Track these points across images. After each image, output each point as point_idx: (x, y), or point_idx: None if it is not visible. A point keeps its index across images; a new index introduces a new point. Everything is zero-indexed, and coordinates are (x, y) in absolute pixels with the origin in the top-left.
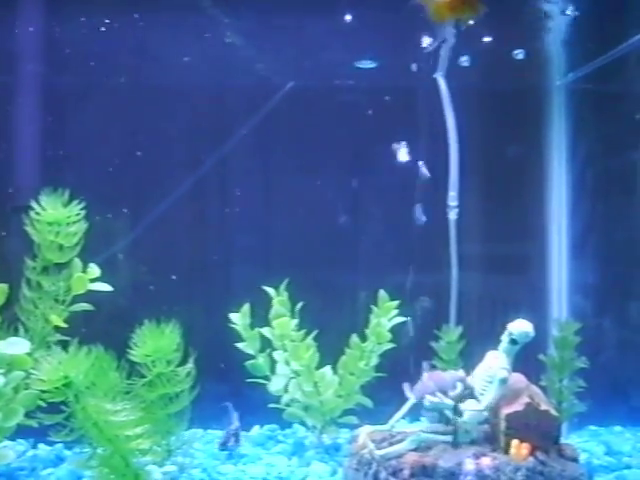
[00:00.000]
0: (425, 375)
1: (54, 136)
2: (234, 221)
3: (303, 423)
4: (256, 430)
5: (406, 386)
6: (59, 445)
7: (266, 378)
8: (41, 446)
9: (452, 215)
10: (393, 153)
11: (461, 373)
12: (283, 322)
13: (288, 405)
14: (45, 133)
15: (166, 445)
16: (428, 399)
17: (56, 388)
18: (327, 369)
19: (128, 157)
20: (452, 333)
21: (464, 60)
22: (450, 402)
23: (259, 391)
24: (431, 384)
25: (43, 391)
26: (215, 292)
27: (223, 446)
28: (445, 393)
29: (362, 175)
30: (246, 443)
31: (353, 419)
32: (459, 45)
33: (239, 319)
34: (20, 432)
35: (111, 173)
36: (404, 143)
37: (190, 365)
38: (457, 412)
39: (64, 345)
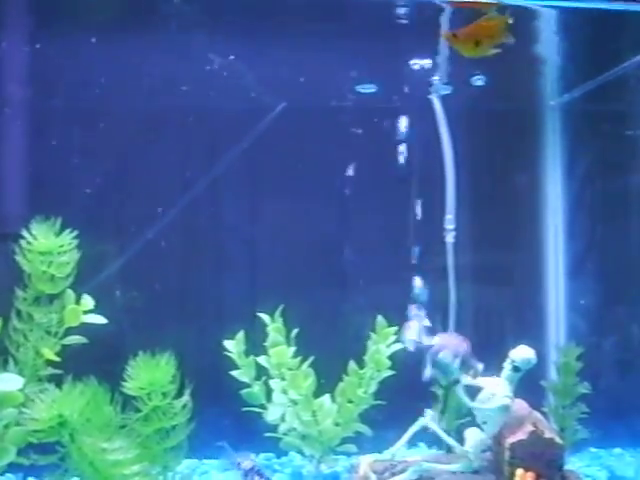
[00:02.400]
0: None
1: (40, 160)
2: (227, 246)
3: (300, 452)
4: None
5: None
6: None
7: (261, 406)
8: None
9: (449, 238)
10: (390, 174)
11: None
12: (280, 351)
13: (285, 434)
14: (31, 157)
15: None
16: (444, 354)
17: (50, 427)
18: (326, 398)
19: (118, 182)
20: None
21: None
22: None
23: (252, 419)
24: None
25: (36, 430)
26: (208, 319)
27: None
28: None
29: (358, 198)
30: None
31: (351, 447)
32: (453, 66)
33: (234, 346)
34: (8, 466)
35: (99, 199)
36: (400, 164)
37: (186, 397)
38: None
39: (54, 378)
